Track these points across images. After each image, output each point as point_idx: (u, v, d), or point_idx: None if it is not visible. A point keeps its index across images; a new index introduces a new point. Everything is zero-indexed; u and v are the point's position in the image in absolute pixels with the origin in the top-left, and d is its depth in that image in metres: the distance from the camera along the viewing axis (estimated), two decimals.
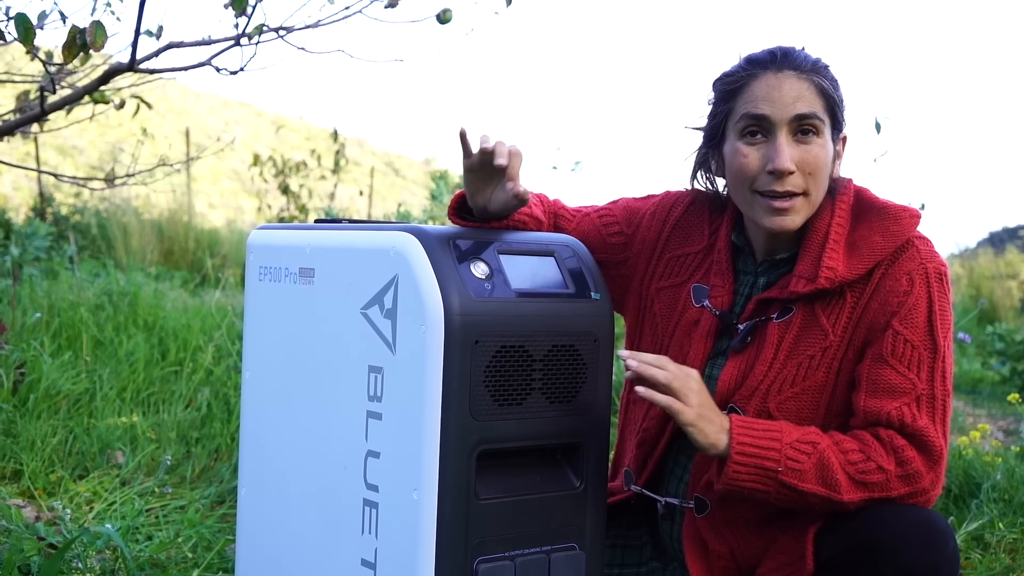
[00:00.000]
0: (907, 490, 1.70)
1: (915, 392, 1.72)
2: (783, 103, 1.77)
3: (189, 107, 20.56)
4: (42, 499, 2.94)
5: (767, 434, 1.70)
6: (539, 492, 1.72)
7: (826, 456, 1.68)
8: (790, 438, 1.70)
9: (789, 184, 1.77)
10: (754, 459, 1.68)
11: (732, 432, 1.69)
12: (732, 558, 1.86)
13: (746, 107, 1.80)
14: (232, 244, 8.53)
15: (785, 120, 1.77)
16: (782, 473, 1.67)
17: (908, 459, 1.69)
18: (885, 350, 1.74)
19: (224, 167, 18.02)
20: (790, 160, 1.76)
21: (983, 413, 5.49)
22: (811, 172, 1.77)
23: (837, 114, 1.82)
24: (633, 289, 2.01)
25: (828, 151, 1.79)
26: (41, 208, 8.74)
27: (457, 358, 1.59)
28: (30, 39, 2.56)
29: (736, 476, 1.69)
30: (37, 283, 5.00)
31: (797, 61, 1.79)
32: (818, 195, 1.80)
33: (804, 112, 1.77)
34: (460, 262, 1.64)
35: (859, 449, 1.70)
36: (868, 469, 1.69)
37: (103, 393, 3.74)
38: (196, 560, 2.52)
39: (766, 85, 1.79)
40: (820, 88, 1.78)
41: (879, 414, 1.72)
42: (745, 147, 1.80)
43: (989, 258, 11.69)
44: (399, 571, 1.63)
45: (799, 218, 1.79)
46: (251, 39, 3.06)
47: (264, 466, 1.97)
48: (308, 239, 1.87)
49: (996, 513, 3.05)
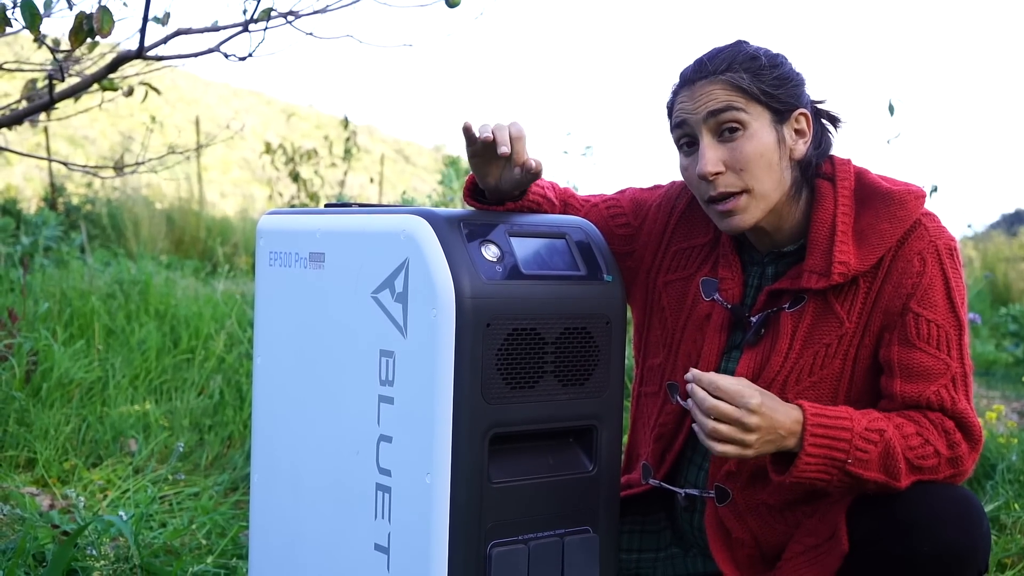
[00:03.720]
0: (951, 472, 1.70)
1: (950, 373, 1.72)
2: (694, 107, 1.77)
3: (199, 96, 20.57)
4: (56, 487, 2.95)
5: (838, 423, 1.65)
6: (552, 475, 1.71)
7: (892, 444, 1.65)
8: (860, 427, 1.65)
9: (721, 185, 1.76)
10: (824, 450, 1.63)
11: (806, 425, 1.63)
12: (756, 545, 1.85)
13: (674, 120, 1.82)
14: (243, 232, 8.53)
15: (700, 122, 1.76)
16: (849, 464, 1.63)
17: (956, 442, 1.70)
18: (911, 333, 1.72)
19: (235, 156, 18.03)
20: (712, 163, 1.75)
21: (997, 395, 5.47)
22: (742, 168, 1.75)
23: (770, 102, 1.77)
24: (640, 281, 2.00)
25: (760, 141, 1.76)
26: (52, 198, 8.75)
27: (469, 341, 1.58)
28: (36, 25, 2.55)
29: (805, 470, 1.64)
30: (49, 272, 5.01)
31: (707, 68, 1.78)
32: (764, 186, 1.77)
33: (714, 108, 1.75)
34: (471, 245, 1.63)
35: (917, 433, 1.68)
36: (926, 454, 1.68)
37: (115, 381, 3.75)
38: (210, 547, 2.52)
39: (685, 96, 1.79)
40: (733, 83, 1.75)
41: (919, 398, 1.71)
42: (684, 160, 1.82)
43: (1002, 240, 11.65)
44: (413, 555, 1.63)
45: (748, 216, 1.77)
46: (259, 24, 3.04)
47: (277, 452, 1.97)
48: (318, 224, 1.86)
49: (1011, 495, 3.04)
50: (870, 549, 1.69)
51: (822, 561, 1.74)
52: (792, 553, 1.80)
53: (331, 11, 3.21)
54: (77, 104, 3.82)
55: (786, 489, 1.82)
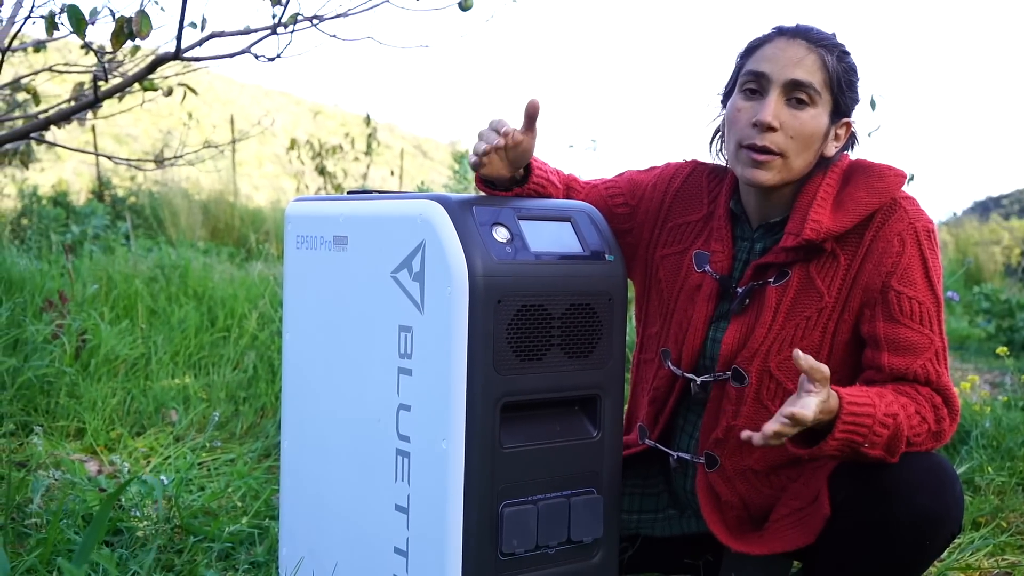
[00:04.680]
0: (933, 444, 1.69)
1: (933, 347, 1.70)
2: (782, 64, 1.74)
3: (233, 96, 20.55)
4: (103, 455, 2.95)
5: (864, 410, 1.58)
6: (559, 441, 1.70)
7: (901, 427, 1.61)
8: (879, 413, 1.59)
9: (768, 140, 1.73)
10: (848, 435, 1.57)
11: (840, 414, 1.56)
12: (744, 507, 1.84)
13: (752, 64, 1.77)
14: (274, 221, 8.53)
15: (780, 81, 1.73)
16: (865, 447, 1.59)
17: (942, 417, 1.68)
18: (895, 310, 1.70)
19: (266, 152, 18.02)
20: (773, 116, 1.72)
21: (971, 367, 5.45)
22: (793, 136, 1.73)
23: (839, 96, 1.76)
24: (639, 256, 1.98)
25: (818, 124, 1.74)
26: (99, 191, 8.76)
27: (481, 317, 1.57)
28: (82, 30, 2.53)
29: (825, 450, 1.58)
30: (96, 258, 5.01)
31: (812, 33, 1.75)
32: (797, 161, 1.75)
33: (800, 79, 1.72)
34: (482, 227, 1.61)
35: (916, 412, 1.66)
36: (920, 432, 1.66)
37: (158, 357, 3.74)
38: (245, 508, 2.52)
39: (775, 47, 1.76)
40: (824, 62, 1.73)
41: (907, 371, 1.69)
42: (741, 102, 1.78)
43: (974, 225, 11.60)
44: (430, 515, 1.62)
45: (772, 175, 1.74)
46: (287, 27, 3.02)
47: (305, 421, 1.96)
48: (341, 209, 1.84)
49: (985, 458, 3.02)
50: (850, 514, 1.67)
51: (806, 523, 1.72)
52: (778, 515, 1.78)
53: (352, 15, 3.19)
54: (121, 104, 3.81)
55: (771, 455, 1.80)
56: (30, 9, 2.69)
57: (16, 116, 4.44)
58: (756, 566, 1.90)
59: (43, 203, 7.66)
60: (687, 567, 2.05)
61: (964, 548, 2.44)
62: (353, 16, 3.21)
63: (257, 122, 5.11)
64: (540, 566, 1.68)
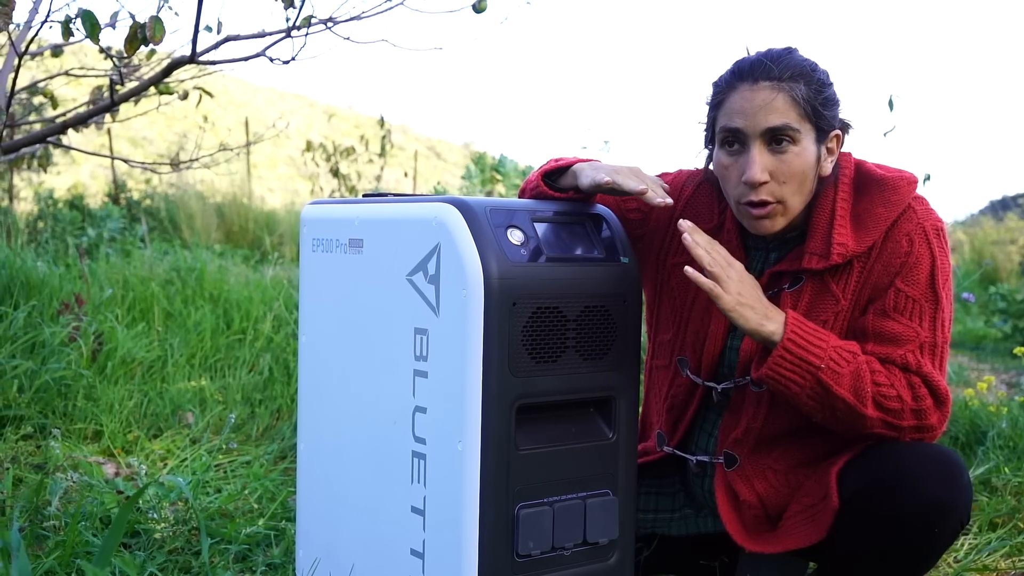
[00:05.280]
0: (915, 423, 1.69)
1: (919, 340, 1.71)
2: (755, 117, 1.71)
3: (248, 99, 20.61)
4: (120, 457, 2.97)
5: (816, 333, 1.67)
6: (575, 443, 1.70)
7: (862, 368, 1.66)
8: (835, 342, 1.67)
9: (764, 193, 1.73)
10: (801, 351, 1.65)
11: (787, 323, 1.67)
12: (761, 506, 1.84)
13: (724, 120, 1.76)
14: (288, 224, 8.55)
15: (756, 133, 1.72)
16: (823, 371, 1.64)
17: (921, 396, 1.69)
18: (887, 305, 1.72)
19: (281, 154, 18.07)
20: (761, 171, 1.72)
21: (987, 367, 5.43)
22: (785, 181, 1.73)
23: (818, 121, 1.74)
24: (651, 263, 1.98)
25: (806, 158, 1.73)
26: (115, 194, 8.81)
27: (496, 319, 1.57)
28: (96, 35, 2.54)
29: (779, 364, 1.66)
30: (112, 261, 5.04)
31: (773, 71, 1.71)
32: (795, 200, 1.75)
33: (775, 125, 1.71)
34: (497, 230, 1.62)
35: (885, 373, 1.68)
36: (889, 395, 1.67)
37: (174, 360, 3.76)
38: (261, 510, 2.53)
39: (741, 98, 1.73)
40: (794, 97, 1.71)
41: (887, 358, 1.70)
42: (725, 158, 1.78)
43: (990, 225, 11.54)
44: (446, 516, 1.62)
45: (776, 224, 1.76)
46: (300, 30, 3.03)
47: (321, 423, 1.97)
48: (357, 212, 1.85)
49: (1002, 459, 3.01)
50: (859, 506, 1.68)
51: (818, 519, 1.73)
52: (792, 512, 1.80)
53: (366, 17, 3.20)
54: (137, 107, 3.84)
55: (790, 454, 1.81)
56: (46, 14, 2.71)
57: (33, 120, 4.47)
58: (772, 567, 1.90)
59: (59, 206, 7.70)
60: (703, 568, 2.05)
61: (981, 549, 2.44)
62: (367, 19, 3.22)
63: (272, 125, 5.12)
64: (556, 567, 1.68)
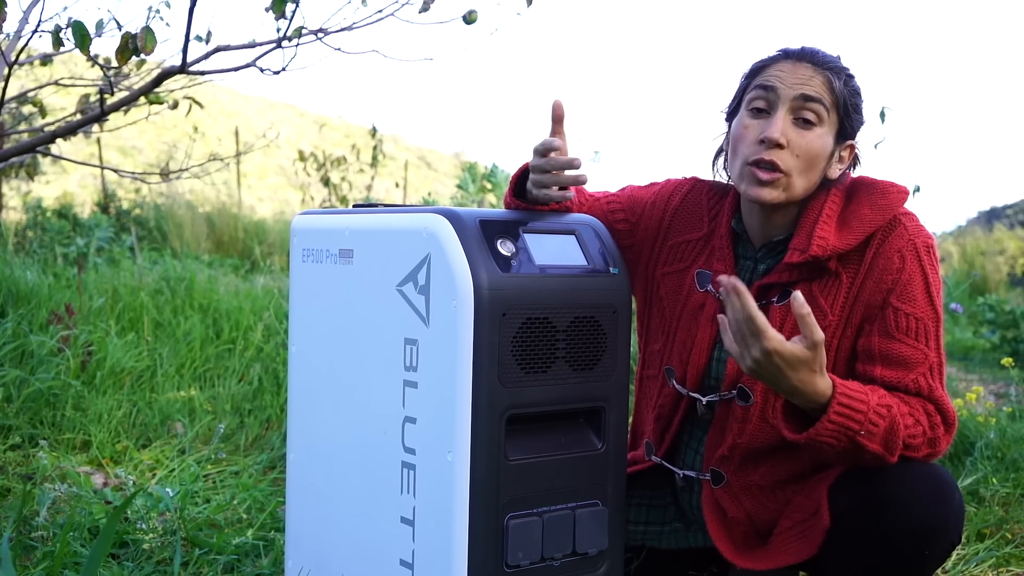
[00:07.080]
0: (928, 452, 1.68)
1: (928, 362, 1.70)
2: (791, 82, 1.75)
3: (238, 109, 20.61)
4: (109, 467, 2.96)
5: (858, 395, 1.59)
6: (564, 453, 1.70)
7: (896, 421, 1.62)
8: (874, 401, 1.60)
9: (775, 156, 1.73)
10: (843, 419, 1.58)
11: (835, 393, 1.57)
12: (750, 522, 1.84)
13: (759, 80, 1.78)
14: (278, 233, 8.55)
15: (789, 96, 1.74)
16: (861, 435, 1.59)
17: (936, 424, 1.68)
18: (891, 326, 1.71)
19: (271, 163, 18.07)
20: (781, 133, 1.72)
21: (975, 378, 5.45)
22: (799, 154, 1.74)
23: (845, 118, 1.77)
24: (640, 273, 1.99)
25: (824, 144, 1.75)
26: (104, 203, 8.79)
27: (486, 330, 1.57)
28: (86, 45, 2.55)
29: (823, 433, 1.58)
30: (102, 271, 5.03)
31: (818, 56, 1.77)
32: (800, 180, 1.75)
33: (809, 94, 1.73)
34: (487, 241, 1.62)
35: (910, 414, 1.66)
36: (916, 434, 1.66)
37: (163, 370, 3.76)
38: (250, 521, 2.52)
39: (781, 68, 1.77)
40: (831, 84, 1.75)
41: (899, 383, 1.69)
42: (748, 119, 1.78)
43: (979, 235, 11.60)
44: (436, 527, 1.62)
45: (775, 195, 1.75)
46: (291, 41, 3.04)
47: (311, 433, 1.97)
48: (347, 222, 1.85)
49: (990, 469, 3.02)
50: (850, 525, 1.67)
51: (808, 535, 1.72)
52: (781, 528, 1.79)
53: (357, 28, 3.21)
54: (127, 117, 3.83)
55: (777, 471, 1.80)
56: (36, 24, 2.71)
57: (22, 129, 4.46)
58: None
59: (48, 215, 7.69)
60: None
61: (969, 560, 2.44)
62: (358, 29, 3.23)
63: (262, 134, 5.13)
64: None
